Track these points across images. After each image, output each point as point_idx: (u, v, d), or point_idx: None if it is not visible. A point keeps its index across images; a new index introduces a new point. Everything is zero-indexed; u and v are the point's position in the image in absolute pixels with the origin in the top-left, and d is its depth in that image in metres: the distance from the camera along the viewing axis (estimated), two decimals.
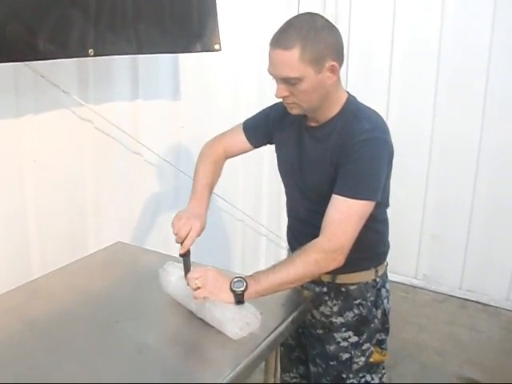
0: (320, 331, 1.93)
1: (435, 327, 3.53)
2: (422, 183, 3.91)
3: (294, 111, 1.73)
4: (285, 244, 4.13)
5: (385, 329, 1.93)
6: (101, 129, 2.47)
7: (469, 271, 3.89)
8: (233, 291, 1.58)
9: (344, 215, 1.62)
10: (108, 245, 2.29)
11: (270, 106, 2.00)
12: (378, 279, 1.89)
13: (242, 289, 1.57)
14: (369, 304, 1.87)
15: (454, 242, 3.89)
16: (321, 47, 1.60)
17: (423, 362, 3.14)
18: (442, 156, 3.82)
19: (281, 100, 1.83)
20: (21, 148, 2.16)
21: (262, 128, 1.99)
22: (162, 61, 2.73)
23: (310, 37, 1.58)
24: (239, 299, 1.58)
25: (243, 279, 1.59)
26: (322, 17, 1.69)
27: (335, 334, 1.89)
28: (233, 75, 3.33)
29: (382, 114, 1.77)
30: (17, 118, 2.12)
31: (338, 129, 1.71)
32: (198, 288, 1.58)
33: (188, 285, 1.61)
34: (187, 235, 1.76)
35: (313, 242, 1.62)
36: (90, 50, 1.96)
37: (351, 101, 1.77)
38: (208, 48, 2.45)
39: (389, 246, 1.96)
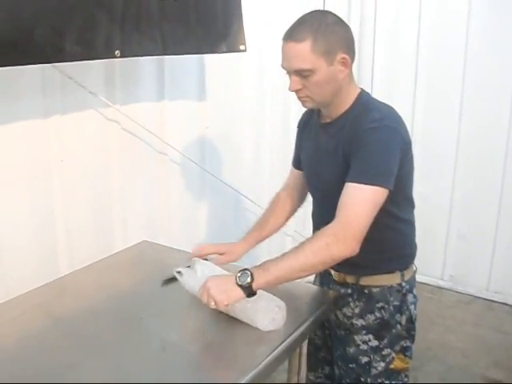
0: (342, 332, 1.91)
1: (461, 328, 3.49)
2: (449, 183, 3.87)
3: (307, 105, 1.76)
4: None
5: (410, 336, 1.88)
6: (127, 129, 2.50)
7: (496, 272, 3.84)
8: (239, 285, 1.56)
9: (355, 200, 1.60)
10: (134, 243, 2.32)
11: (297, 125, 2.05)
12: (403, 284, 1.84)
13: (248, 280, 1.55)
14: (391, 308, 1.83)
15: (481, 243, 3.85)
16: (332, 40, 1.64)
17: (449, 363, 3.12)
18: (468, 156, 3.78)
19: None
20: (48, 148, 2.20)
21: (297, 146, 2.05)
22: (187, 61, 2.75)
23: (322, 30, 1.62)
24: (249, 292, 1.56)
25: (247, 270, 1.57)
26: (334, 14, 1.72)
27: (355, 336, 1.86)
28: (258, 76, 3.34)
29: (408, 114, 1.77)
30: (44, 118, 2.16)
31: (349, 122, 1.72)
32: (214, 303, 1.58)
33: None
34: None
35: (325, 227, 1.60)
36: (117, 52, 1.99)
37: (363, 95, 1.78)
38: (233, 48, 2.47)
39: (415, 249, 1.92)
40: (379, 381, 1.86)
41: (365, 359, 1.86)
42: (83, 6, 1.86)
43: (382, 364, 1.85)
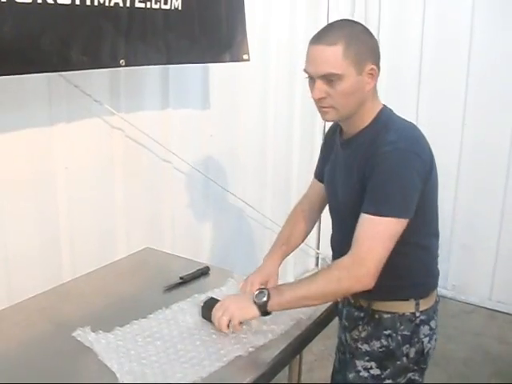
0: (347, 356, 1.84)
1: (463, 338, 3.49)
2: (452, 193, 3.88)
3: (329, 116, 1.64)
4: (313, 252, 4.15)
5: (420, 369, 1.75)
6: (131, 137, 2.52)
7: (498, 282, 3.84)
8: (255, 303, 1.58)
9: (370, 233, 1.52)
10: (136, 250, 2.34)
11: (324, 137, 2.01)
12: (418, 313, 1.69)
13: (265, 299, 1.56)
14: (399, 338, 1.70)
15: (484, 253, 3.85)
16: (363, 48, 1.57)
17: (450, 372, 3.12)
18: (471, 166, 3.79)
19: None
20: (53, 155, 2.23)
21: (323, 161, 1.93)
22: (191, 71, 2.78)
23: (354, 36, 1.56)
24: (264, 309, 1.57)
25: (265, 289, 1.60)
26: (361, 23, 1.66)
27: (357, 361, 1.76)
28: (262, 85, 3.37)
29: (412, 119, 1.71)
30: (50, 126, 2.19)
31: (368, 141, 1.62)
32: (229, 323, 1.60)
33: (217, 328, 1.63)
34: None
35: (339, 259, 1.56)
36: (122, 61, 2.01)
37: (385, 112, 1.68)
38: (237, 58, 2.49)
39: (436, 278, 1.80)
40: None
41: None
42: (89, 16, 1.88)
43: None
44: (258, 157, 3.43)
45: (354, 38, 1.56)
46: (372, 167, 1.56)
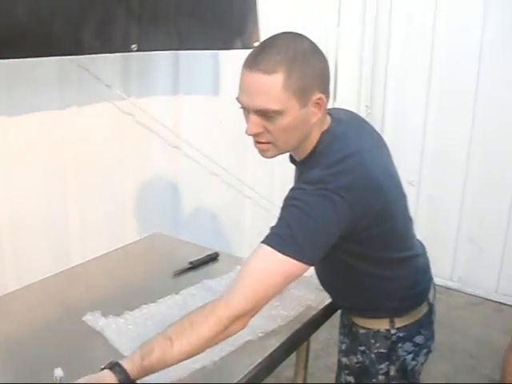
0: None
1: (469, 330, 3.49)
2: (460, 185, 3.87)
3: (268, 154, 1.41)
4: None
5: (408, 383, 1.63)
6: (141, 122, 2.52)
7: (505, 275, 3.83)
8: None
9: (259, 266, 1.29)
10: (145, 235, 2.34)
11: None
12: (393, 331, 1.57)
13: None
14: (372, 356, 1.59)
15: (491, 245, 3.84)
16: (309, 74, 1.31)
17: (456, 364, 3.12)
18: (479, 159, 3.77)
19: None
20: (63, 140, 2.23)
21: None
22: (202, 56, 2.77)
23: (298, 60, 1.29)
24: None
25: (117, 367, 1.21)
26: (309, 39, 1.37)
27: (342, 372, 1.72)
28: None
29: (420, 116, 1.58)
30: (60, 110, 2.19)
31: (304, 173, 1.42)
32: None
33: None
34: None
35: (216, 300, 1.29)
36: (133, 46, 2.01)
37: (324, 139, 1.43)
38: (248, 45, 2.48)
39: (416, 297, 1.63)
40: None
41: None
42: (102, 1, 1.89)
43: None
44: None
45: (298, 63, 1.29)
46: (287, 200, 1.35)
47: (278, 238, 1.28)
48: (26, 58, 1.76)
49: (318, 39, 1.44)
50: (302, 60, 1.30)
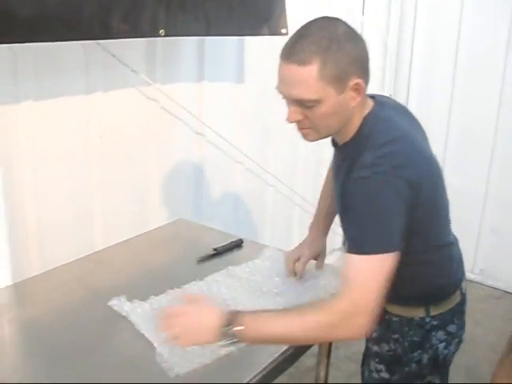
0: (363, 350, 1.80)
1: (491, 323, 3.47)
2: (484, 176, 3.83)
3: (310, 138, 1.46)
4: (340, 231, 4.10)
5: (439, 373, 1.65)
6: (166, 108, 2.51)
7: None
8: (221, 331, 1.29)
9: (356, 273, 1.32)
10: (169, 221, 2.34)
11: None
12: (428, 319, 1.58)
13: (237, 329, 1.29)
14: (406, 344, 1.60)
15: None
16: (345, 61, 1.32)
17: (477, 357, 3.10)
18: (505, 150, 3.73)
19: None
20: (88, 125, 2.23)
21: None
22: (227, 43, 2.76)
23: (332, 49, 1.30)
24: (230, 339, 1.30)
25: (239, 315, 1.31)
26: (345, 23, 1.37)
27: (371, 361, 1.71)
28: None
29: (445, 105, 1.61)
30: (86, 95, 2.19)
31: (350, 157, 1.44)
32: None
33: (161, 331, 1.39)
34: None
35: (329, 301, 1.36)
36: (161, 31, 1.99)
37: (367, 123, 1.45)
38: (275, 32, 2.46)
39: (450, 286, 1.64)
40: None
41: None
42: None
43: None
44: (290, 133, 3.39)
45: (333, 51, 1.30)
46: (348, 196, 1.38)
47: (361, 243, 1.32)
48: (55, 41, 1.75)
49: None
50: (336, 48, 1.30)
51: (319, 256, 1.79)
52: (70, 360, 1.42)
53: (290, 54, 1.32)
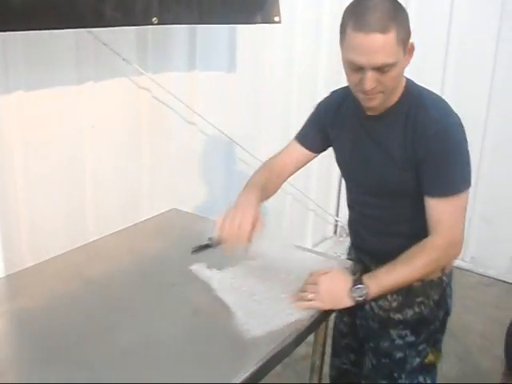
0: (376, 325, 1.84)
1: (481, 310, 3.50)
2: (475, 165, 3.80)
3: (375, 102, 1.57)
4: (332, 219, 4.14)
5: (444, 328, 1.84)
6: (158, 98, 2.51)
7: None
8: (352, 296, 1.55)
9: (450, 213, 1.57)
10: (161, 211, 2.33)
11: (317, 107, 1.90)
12: (444, 277, 1.77)
13: (364, 296, 1.54)
14: (431, 303, 1.76)
15: (504, 226, 3.84)
16: (407, 24, 1.47)
17: (467, 344, 3.13)
18: (495, 139, 3.75)
19: (326, 96, 1.84)
20: (80, 114, 2.21)
21: (319, 131, 1.87)
22: (219, 32, 2.75)
23: (399, 16, 1.45)
24: (361, 302, 1.57)
25: (362, 284, 1.55)
26: None
27: (391, 331, 1.79)
28: (288, 50, 3.32)
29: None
30: (77, 84, 2.17)
31: (403, 117, 1.59)
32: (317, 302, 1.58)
33: (296, 300, 1.60)
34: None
35: (428, 241, 1.57)
36: (154, 19, 1.97)
37: (411, 84, 1.65)
38: (268, 20, 2.44)
39: None
40: (413, 376, 1.81)
41: (399, 354, 1.80)
42: None
43: (418, 359, 1.80)
44: (283, 122, 3.39)
45: (400, 18, 1.45)
46: (427, 150, 1.56)
47: (454, 184, 1.58)
48: (46, 30, 1.73)
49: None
50: (401, 14, 1.47)
51: (257, 222, 1.64)
52: (65, 351, 1.41)
53: (367, 24, 1.41)
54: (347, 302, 1.56)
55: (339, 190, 3.95)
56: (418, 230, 1.62)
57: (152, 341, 1.46)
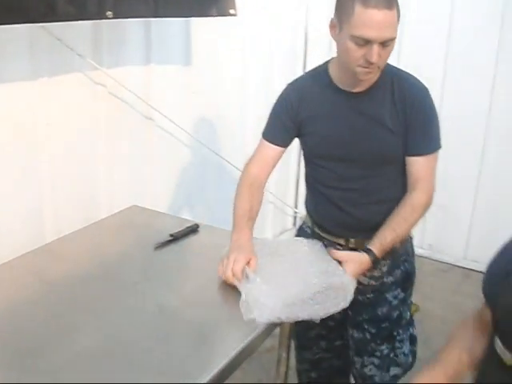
0: (370, 295, 1.93)
1: (439, 296, 3.56)
2: None
3: (371, 76, 1.69)
4: (291, 211, 4.15)
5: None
6: (114, 93, 2.46)
7: (474, 241, 3.90)
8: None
9: (430, 170, 1.79)
10: (120, 209, 2.30)
11: (281, 100, 1.89)
12: (412, 233, 1.94)
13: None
14: (410, 257, 1.94)
15: (460, 213, 3.90)
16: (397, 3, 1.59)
17: (427, 329, 3.17)
18: (448, 128, 3.78)
19: (286, 88, 1.87)
20: (35, 111, 2.16)
21: (287, 124, 1.87)
22: (174, 26, 2.71)
23: None
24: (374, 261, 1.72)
25: (372, 251, 1.70)
26: None
27: (387, 295, 1.92)
28: (244, 43, 3.30)
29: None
30: (31, 80, 2.11)
31: (389, 89, 1.74)
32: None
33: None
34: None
35: (415, 200, 1.75)
36: (109, 13, 1.93)
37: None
38: (223, 12, 2.43)
39: None
40: (406, 328, 1.98)
41: (396, 313, 1.94)
42: None
43: (408, 313, 1.98)
44: (239, 114, 3.38)
45: None
46: (416, 112, 1.72)
47: (435, 141, 1.79)
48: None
49: None
50: None
51: (251, 259, 1.68)
52: (37, 352, 1.37)
53: (379, 2, 1.53)
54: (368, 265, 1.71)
55: (297, 182, 3.97)
56: (398, 194, 1.79)
57: (116, 341, 1.44)
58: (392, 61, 1.74)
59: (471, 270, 3.87)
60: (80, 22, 2.04)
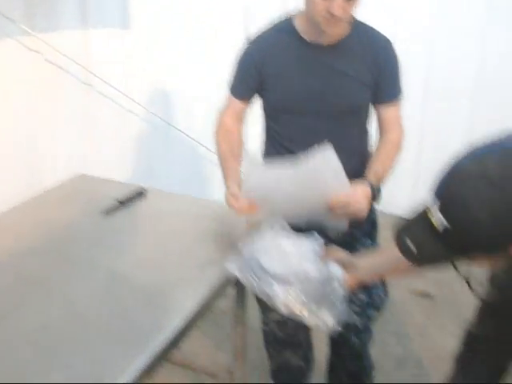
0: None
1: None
2: None
3: (341, 27, 1.76)
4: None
5: None
6: (50, 60, 2.38)
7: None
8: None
9: (399, 114, 1.90)
10: (65, 177, 2.24)
11: (244, 55, 1.90)
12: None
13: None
14: (373, 207, 1.88)
15: (404, 175, 3.84)
16: None
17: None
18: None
19: (250, 42, 1.85)
20: None
21: (253, 77, 1.88)
22: None
23: None
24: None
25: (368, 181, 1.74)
26: None
27: (358, 245, 1.94)
28: (184, 5, 3.23)
29: None
30: None
31: (359, 42, 1.81)
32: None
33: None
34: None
35: (394, 138, 1.87)
36: None
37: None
38: None
39: None
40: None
41: None
42: None
43: None
44: (181, 77, 3.32)
45: None
46: (387, 62, 1.84)
47: (401, 90, 1.89)
48: None
49: None
50: None
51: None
52: None
53: None
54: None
55: None
56: (364, 147, 1.95)
57: (71, 311, 1.41)
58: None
59: None
60: None
